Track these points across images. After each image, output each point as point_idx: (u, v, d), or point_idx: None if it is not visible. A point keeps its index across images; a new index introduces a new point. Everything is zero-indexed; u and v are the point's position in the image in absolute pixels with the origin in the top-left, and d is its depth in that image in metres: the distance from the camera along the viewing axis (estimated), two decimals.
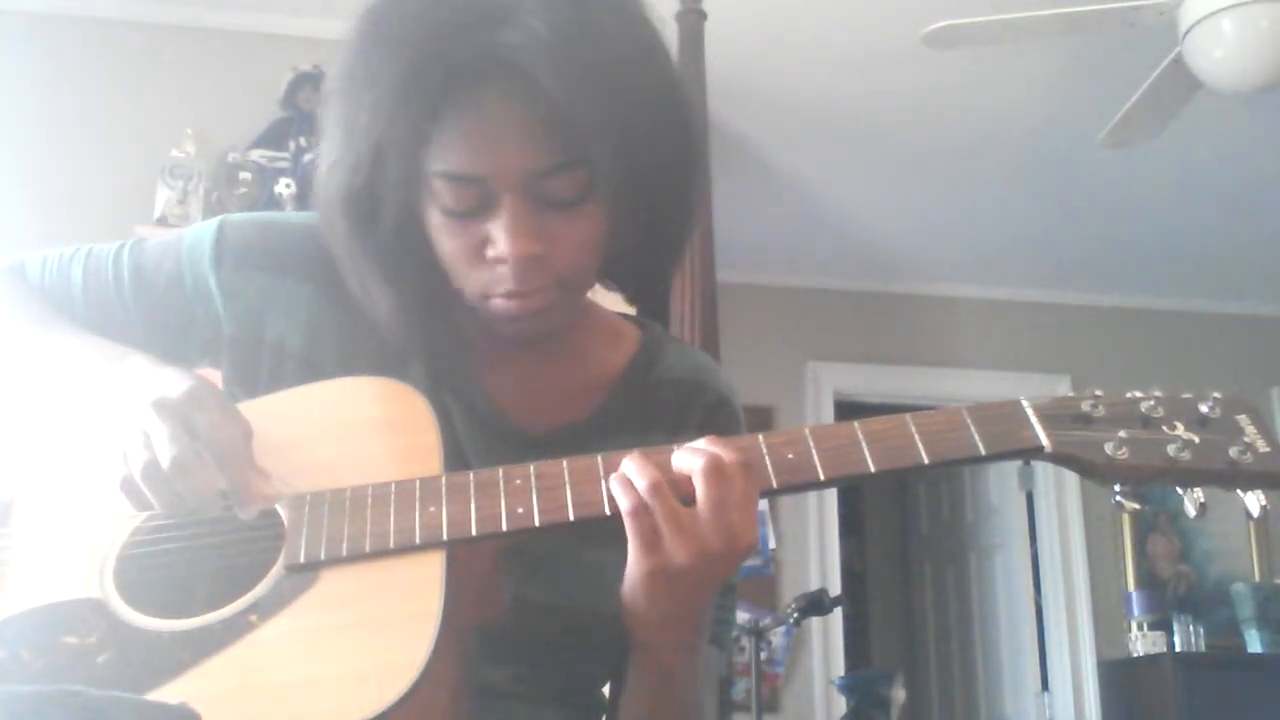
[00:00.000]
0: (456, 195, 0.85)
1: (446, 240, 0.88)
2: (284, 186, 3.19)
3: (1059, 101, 3.88)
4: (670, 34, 0.96)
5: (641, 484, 0.79)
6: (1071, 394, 0.85)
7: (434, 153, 0.84)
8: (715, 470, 0.79)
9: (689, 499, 0.80)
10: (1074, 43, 3.41)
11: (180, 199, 3.15)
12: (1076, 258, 5.09)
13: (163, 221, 3.07)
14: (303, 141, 3.25)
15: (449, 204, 0.86)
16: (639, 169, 0.85)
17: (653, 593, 0.81)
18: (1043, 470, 5.13)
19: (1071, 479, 5.05)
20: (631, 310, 1.11)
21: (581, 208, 0.87)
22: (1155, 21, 2.99)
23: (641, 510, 0.79)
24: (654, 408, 1.01)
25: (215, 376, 1.00)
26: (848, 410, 5.10)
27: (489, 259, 0.86)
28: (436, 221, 0.87)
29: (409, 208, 0.87)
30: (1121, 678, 4.89)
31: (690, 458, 0.80)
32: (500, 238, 0.85)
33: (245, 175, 3.22)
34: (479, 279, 0.88)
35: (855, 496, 6.63)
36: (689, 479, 0.80)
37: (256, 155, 3.26)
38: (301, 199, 3.17)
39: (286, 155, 3.25)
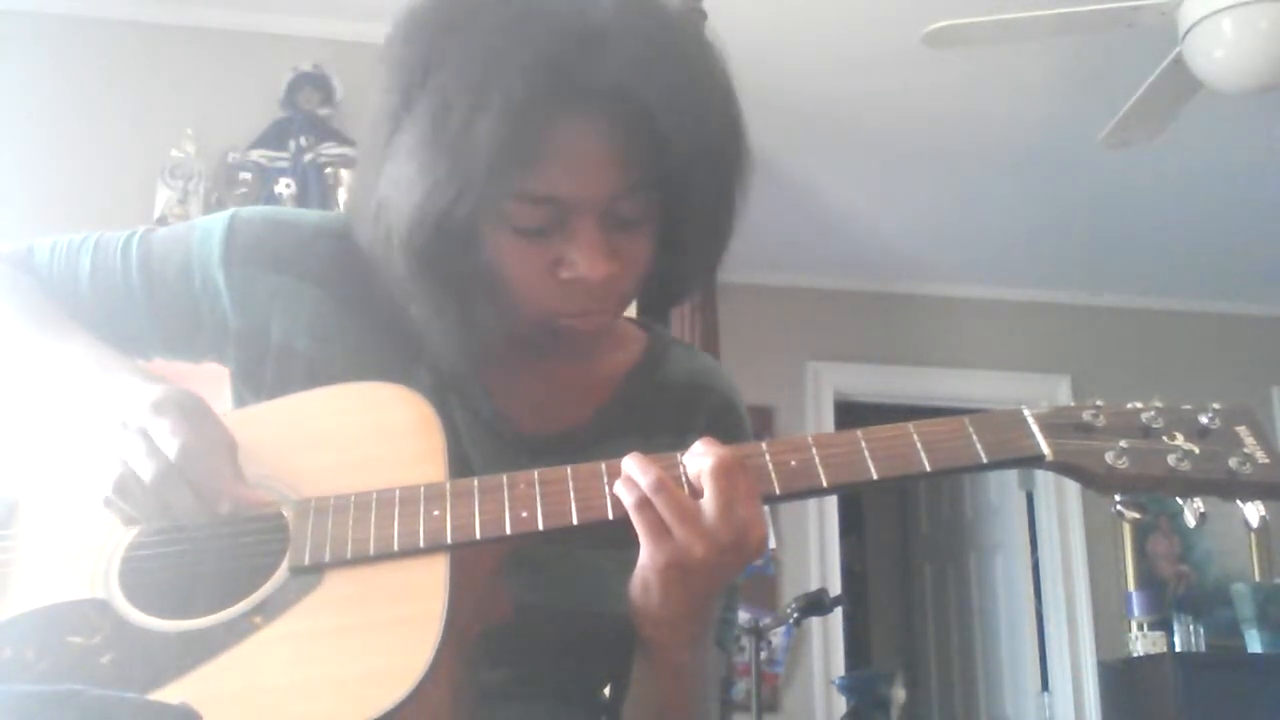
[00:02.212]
0: (531, 214, 0.85)
1: (515, 261, 0.87)
2: (284, 186, 3.19)
3: (1059, 101, 3.88)
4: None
5: (645, 480, 0.80)
6: (1072, 398, 0.86)
7: (520, 174, 0.83)
8: (723, 467, 0.80)
9: (696, 496, 0.81)
10: (1074, 43, 3.41)
11: (180, 199, 3.15)
12: (1076, 258, 5.09)
13: (163, 221, 3.06)
14: (303, 141, 3.25)
15: (521, 222, 0.85)
16: (701, 191, 0.87)
17: (667, 588, 0.81)
18: (1043, 471, 5.12)
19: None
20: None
21: (643, 227, 0.88)
22: (1155, 21, 2.99)
23: (645, 504, 0.80)
24: (659, 410, 1.01)
25: (222, 374, 1.00)
26: (848, 410, 5.10)
27: (564, 280, 0.86)
28: (505, 241, 0.86)
29: (478, 229, 0.86)
30: (1121, 678, 4.89)
31: (698, 459, 0.81)
32: (580, 260, 0.85)
33: (245, 175, 3.22)
34: (550, 298, 0.88)
35: (855, 497, 6.62)
36: (695, 479, 0.81)
37: (256, 155, 3.26)
38: (301, 199, 3.17)
39: (286, 155, 3.25)
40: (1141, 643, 4.83)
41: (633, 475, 0.81)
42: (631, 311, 1.06)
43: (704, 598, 0.84)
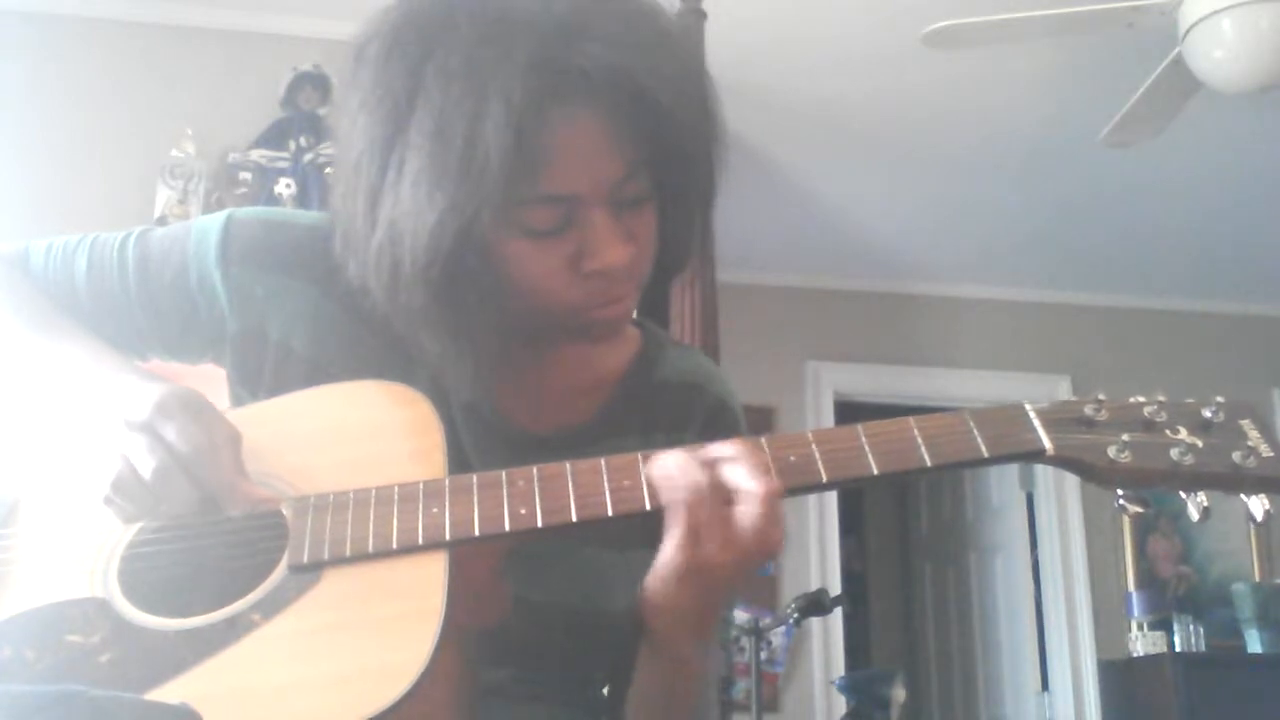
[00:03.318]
0: (543, 216, 0.84)
1: (532, 264, 0.86)
2: (284, 186, 3.19)
3: (1059, 101, 3.89)
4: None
5: (686, 481, 0.80)
6: (1072, 395, 0.86)
7: (527, 177, 0.82)
8: (772, 498, 0.80)
9: (729, 500, 0.80)
10: (1074, 43, 3.41)
11: (180, 199, 3.15)
12: (1077, 257, 5.10)
13: (163, 221, 3.06)
14: (303, 141, 3.25)
15: (535, 226, 0.85)
16: (692, 155, 0.88)
17: (685, 586, 0.82)
18: (1043, 470, 5.13)
19: (1072, 479, 5.03)
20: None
21: (644, 206, 0.89)
22: (1155, 21, 2.99)
23: (695, 506, 0.79)
24: (655, 410, 1.01)
25: (219, 374, 1.00)
26: (848, 410, 5.10)
27: (586, 272, 0.86)
28: (519, 248, 0.85)
29: (492, 244, 0.85)
30: (1121, 678, 4.89)
31: (736, 469, 0.81)
32: (602, 249, 0.85)
33: (245, 175, 3.23)
34: (576, 293, 0.87)
35: (855, 496, 6.63)
36: (727, 480, 0.80)
37: (256, 155, 3.26)
38: (301, 199, 3.17)
39: (286, 155, 3.25)
40: (1141, 643, 4.83)
41: (680, 474, 0.80)
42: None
43: (719, 595, 0.84)
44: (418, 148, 0.82)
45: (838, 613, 4.49)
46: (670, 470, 0.81)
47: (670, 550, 0.81)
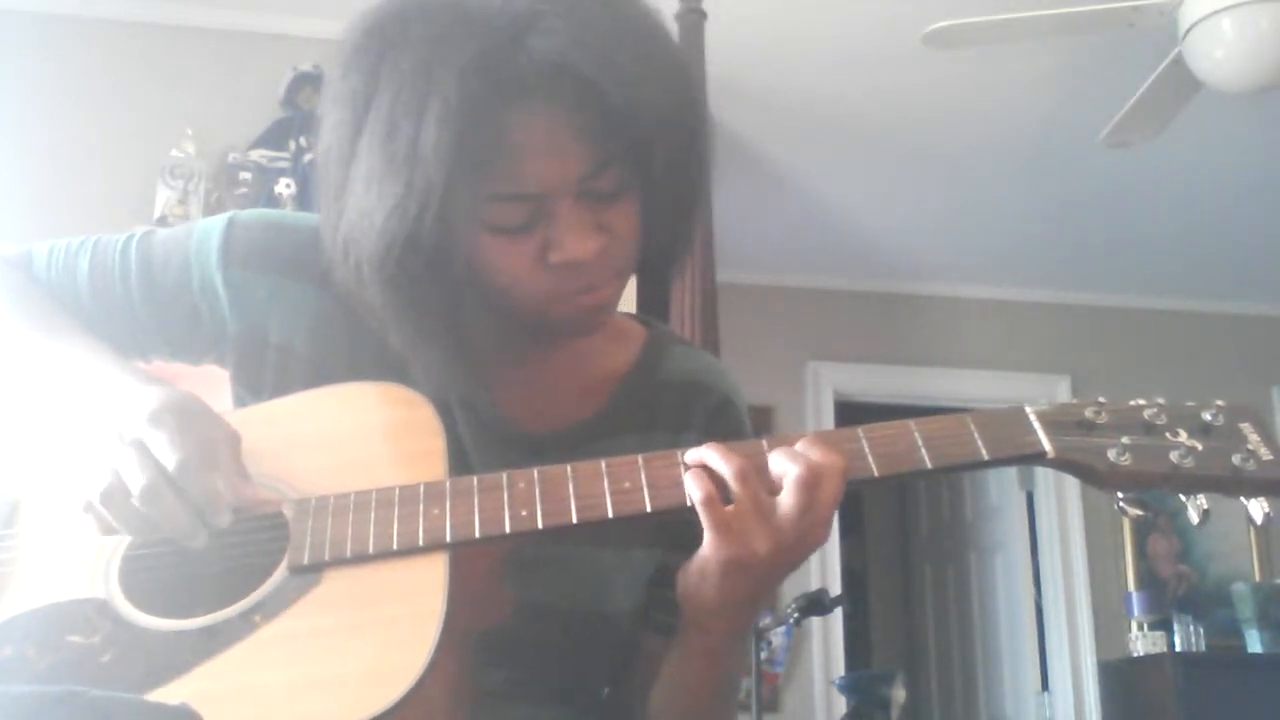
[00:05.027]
0: (510, 213, 0.84)
1: (501, 259, 0.86)
2: (284, 186, 3.19)
3: (1059, 101, 3.89)
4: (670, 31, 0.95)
5: (728, 469, 0.80)
6: (1072, 398, 0.86)
7: (482, 176, 0.82)
8: (813, 480, 0.79)
9: (773, 491, 0.80)
10: (1074, 43, 3.41)
11: (180, 199, 3.15)
12: (1077, 258, 5.09)
13: (163, 221, 3.06)
14: (303, 141, 3.25)
15: (502, 223, 0.85)
16: (666, 157, 0.86)
17: (724, 580, 0.81)
18: (1043, 470, 5.10)
19: (1072, 479, 5.03)
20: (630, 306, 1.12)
21: (623, 199, 0.87)
22: (1155, 21, 2.99)
23: (714, 499, 0.79)
24: (658, 408, 1.01)
25: (221, 375, 1.00)
26: (848, 410, 5.10)
27: (554, 264, 0.86)
28: (486, 244, 0.86)
29: (452, 241, 0.85)
30: (1121, 678, 4.89)
31: (787, 463, 0.81)
32: (567, 242, 0.85)
33: (245, 175, 3.22)
34: (545, 286, 0.87)
35: (855, 496, 6.60)
36: (777, 477, 0.81)
37: (256, 155, 3.26)
38: (301, 199, 3.17)
39: (286, 155, 3.25)
40: (1141, 643, 4.83)
41: (713, 464, 0.80)
42: (632, 304, 1.06)
43: (759, 589, 0.84)
44: (370, 148, 0.83)
45: (838, 613, 4.49)
46: (702, 460, 0.81)
47: (705, 544, 0.81)
